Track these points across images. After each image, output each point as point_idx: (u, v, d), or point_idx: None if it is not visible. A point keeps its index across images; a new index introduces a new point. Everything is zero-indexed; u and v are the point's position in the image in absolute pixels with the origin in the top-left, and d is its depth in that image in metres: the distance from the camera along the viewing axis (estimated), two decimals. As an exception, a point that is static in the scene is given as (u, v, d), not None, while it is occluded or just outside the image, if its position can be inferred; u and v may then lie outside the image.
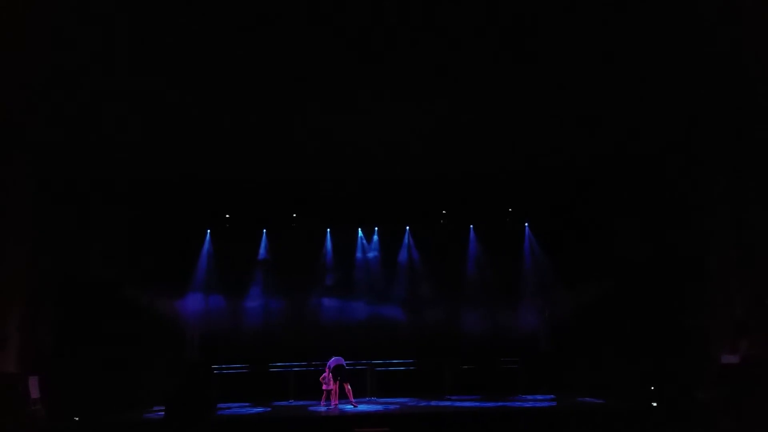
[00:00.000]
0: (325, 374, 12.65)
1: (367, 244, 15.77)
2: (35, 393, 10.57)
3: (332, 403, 12.52)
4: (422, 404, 12.53)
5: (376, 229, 15.77)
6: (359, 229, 15.80)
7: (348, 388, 12.56)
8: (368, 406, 12.59)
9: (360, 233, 15.80)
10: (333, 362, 12.60)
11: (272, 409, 12.57)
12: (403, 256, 15.66)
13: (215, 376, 13.54)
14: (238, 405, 12.97)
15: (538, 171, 13.06)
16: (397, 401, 13.09)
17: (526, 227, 15.61)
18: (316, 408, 12.43)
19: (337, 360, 12.60)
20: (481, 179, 13.54)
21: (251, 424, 10.83)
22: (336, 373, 12.50)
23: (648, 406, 10.81)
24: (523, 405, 12.09)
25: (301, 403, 13.30)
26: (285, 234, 15.34)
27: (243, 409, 12.41)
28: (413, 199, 14.53)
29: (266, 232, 15.53)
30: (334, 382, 12.49)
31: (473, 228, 15.69)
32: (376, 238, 15.78)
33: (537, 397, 13.14)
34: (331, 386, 12.51)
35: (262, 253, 15.44)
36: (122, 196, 13.14)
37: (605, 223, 13.90)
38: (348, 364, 12.78)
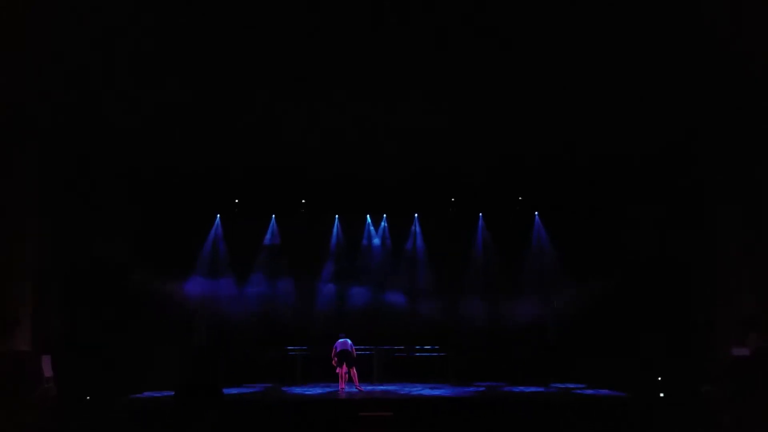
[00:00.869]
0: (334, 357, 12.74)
1: (374, 232, 15.80)
2: (48, 372, 10.78)
3: (339, 387, 12.64)
4: (426, 390, 12.60)
5: (384, 216, 15.79)
6: (367, 216, 15.82)
7: (354, 372, 12.66)
8: (373, 387, 12.69)
9: (368, 220, 15.83)
10: (339, 345, 12.69)
11: (279, 392, 12.70)
12: (410, 243, 15.69)
13: (223, 359, 13.71)
14: (244, 388, 13.11)
15: (549, 161, 13.00)
16: (402, 386, 13.19)
17: (536, 216, 15.55)
18: (328, 390, 12.52)
19: (344, 343, 12.69)
20: (491, 170, 13.54)
21: (258, 407, 10.95)
22: (342, 357, 12.60)
23: (655, 397, 10.79)
24: (525, 391, 12.17)
25: (306, 388, 13.43)
26: (293, 219, 15.41)
27: (250, 390, 12.56)
28: (422, 188, 14.53)
29: (275, 218, 15.63)
30: (339, 366, 12.60)
31: (482, 216, 15.67)
32: (384, 225, 15.80)
33: (537, 389, 13.17)
34: (341, 368, 12.62)
35: (271, 238, 15.53)
36: (132, 181, 13.26)
37: (615, 215, 13.80)
38: (357, 350, 12.90)
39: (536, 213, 15.52)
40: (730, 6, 7.60)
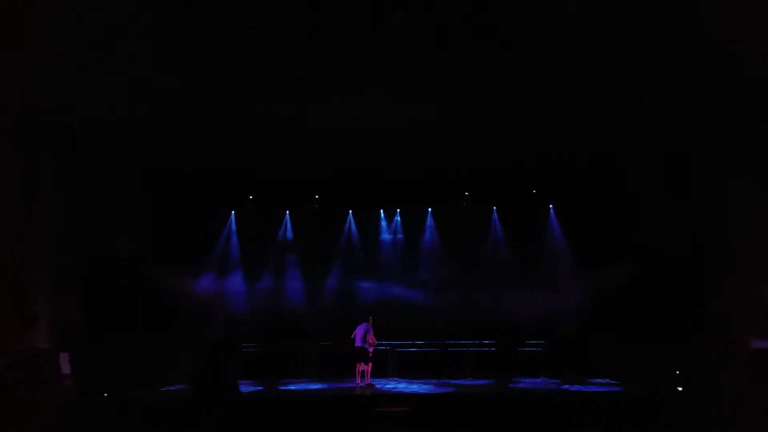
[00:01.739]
0: (370, 339, 12.72)
1: (388, 226, 15.75)
2: (66, 368, 10.89)
3: (356, 382, 12.66)
4: (443, 385, 12.57)
5: (398, 210, 15.74)
6: (381, 211, 15.79)
7: (368, 368, 12.67)
8: (389, 383, 12.70)
9: (382, 214, 15.79)
10: (359, 330, 12.69)
11: (294, 387, 12.72)
12: (425, 237, 15.62)
13: (239, 355, 13.75)
14: (259, 383, 13.15)
15: (565, 155, 12.93)
16: (418, 382, 13.16)
17: (551, 209, 15.41)
18: (343, 386, 12.55)
19: (361, 328, 12.66)
20: (508, 165, 13.55)
21: (274, 402, 10.97)
22: (358, 354, 12.61)
23: (673, 390, 10.66)
24: (541, 387, 12.08)
25: (322, 384, 13.45)
26: (308, 215, 15.42)
27: (263, 387, 12.60)
28: (436, 181, 14.48)
29: (289, 214, 15.65)
30: (357, 360, 12.59)
31: (496, 210, 15.57)
32: (398, 219, 15.75)
33: (549, 381, 13.08)
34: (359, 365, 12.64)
35: (287, 234, 15.55)
36: (147, 177, 13.32)
37: (630, 207, 13.63)
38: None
39: (551, 206, 15.38)
40: (730, 6, 7.50)
